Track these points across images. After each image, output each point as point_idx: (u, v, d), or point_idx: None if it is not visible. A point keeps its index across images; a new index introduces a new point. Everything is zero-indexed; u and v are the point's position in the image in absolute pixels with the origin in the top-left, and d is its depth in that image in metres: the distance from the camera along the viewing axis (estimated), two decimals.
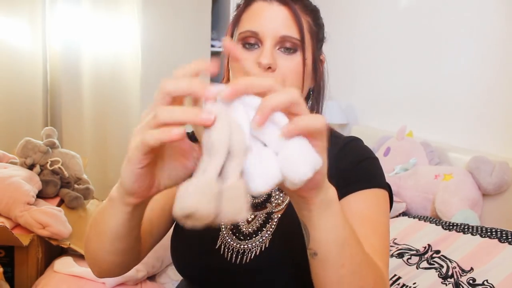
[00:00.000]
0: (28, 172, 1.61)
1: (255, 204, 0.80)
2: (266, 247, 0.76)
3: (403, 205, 1.70)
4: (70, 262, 1.43)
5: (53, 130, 1.81)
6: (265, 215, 0.79)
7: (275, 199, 0.80)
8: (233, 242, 0.78)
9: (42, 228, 1.40)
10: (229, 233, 0.79)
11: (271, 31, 0.74)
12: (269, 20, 0.75)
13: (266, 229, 0.77)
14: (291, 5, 0.75)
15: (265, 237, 0.76)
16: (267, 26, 0.74)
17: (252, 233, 0.78)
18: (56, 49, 2.36)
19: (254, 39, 0.75)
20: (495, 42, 1.71)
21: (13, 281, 1.41)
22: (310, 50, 0.78)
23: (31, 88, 2.30)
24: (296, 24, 0.75)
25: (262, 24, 0.75)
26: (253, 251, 0.76)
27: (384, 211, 0.76)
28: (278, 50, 0.75)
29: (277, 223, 0.77)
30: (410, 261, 1.28)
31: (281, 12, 0.75)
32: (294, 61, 0.75)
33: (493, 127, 1.72)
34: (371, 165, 0.79)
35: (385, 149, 2.00)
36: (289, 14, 0.75)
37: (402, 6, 2.16)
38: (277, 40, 0.74)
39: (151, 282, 1.44)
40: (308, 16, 0.78)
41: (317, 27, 0.80)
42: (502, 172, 1.53)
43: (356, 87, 2.45)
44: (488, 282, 1.09)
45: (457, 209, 1.51)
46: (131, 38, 2.44)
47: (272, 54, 0.74)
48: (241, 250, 0.77)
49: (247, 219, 0.79)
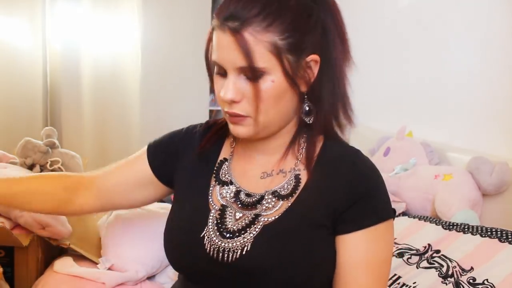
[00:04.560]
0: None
1: (246, 203, 0.80)
2: (247, 250, 0.75)
3: (403, 205, 1.70)
4: (70, 262, 1.42)
5: (53, 130, 1.81)
6: (252, 216, 0.78)
7: (267, 202, 0.79)
8: (216, 238, 0.78)
9: (42, 228, 1.40)
10: (214, 228, 0.79)
11: (230, 63, 0.73)
12: (226, 52, 0.72)
13: (250, 231, 0.77)
14: (240, 32, 0.70)
15: (246, 238, 0.76)
16: (224, 58, 0.73)
17: (236, 231, 0.78)
18: (56, 49, 2.35)
19: (222, 69, 0.75)
20: (496, 42, 1.71)
21: (13, 281, 1.41)
22: (280, 69, 0.72)
23: (31, 88, 2.30)
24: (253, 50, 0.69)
25: (221, 55, 0.74)
26: (234, 251, 0.76)
27: (387, 245, 0.78)
28: (244, 77, 0.73)
29: (262, 227, 0.77)
30: (410, 260, 1.28)
31: (233, 42, 0.71)
32: (258, 88, 0.72)
33: (493, 127, 1.72)
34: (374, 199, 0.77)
35: (385, 149, 2.00)
36: (242, 42, 0.70)
37: (402, 5, 2.16)
38: (238, 71, 0.73)
39: (151, 282, 1.44)
40: (270, 33, 0.70)
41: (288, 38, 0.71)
42: (502, 172, 1.53)
43: (355, 87, 2.44)
44: (488, 282, 1.09)
45: (457, 209, 1.51)
46: (131, 38, 2.44)
47: (235, 85, 0.73)
48: (222, 248, 0.77)
49: (236, 216, 0.80)
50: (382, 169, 1.93)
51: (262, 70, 0.71)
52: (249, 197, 0.81)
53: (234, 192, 0.82)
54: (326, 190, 0.77)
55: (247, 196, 0.81)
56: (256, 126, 0.75)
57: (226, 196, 0.82)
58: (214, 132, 0.90)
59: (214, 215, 0.81)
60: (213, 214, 0.81)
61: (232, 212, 0.80)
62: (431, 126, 1.99)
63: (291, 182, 0.80)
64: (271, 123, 0.77)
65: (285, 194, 0.79)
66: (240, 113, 0.74)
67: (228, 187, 0.83)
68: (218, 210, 0.81)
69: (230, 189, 0.83)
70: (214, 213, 0.81)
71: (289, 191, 0.79)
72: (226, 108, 0.76)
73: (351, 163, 0.79)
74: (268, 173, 0.82)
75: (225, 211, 0.81)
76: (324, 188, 0.77)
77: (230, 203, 0.82)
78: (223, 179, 0.85)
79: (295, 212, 0.77)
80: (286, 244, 0.75)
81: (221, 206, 0.82)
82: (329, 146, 0.82)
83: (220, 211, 0.81)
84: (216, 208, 0.82)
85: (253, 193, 0.81)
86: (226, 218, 0.80)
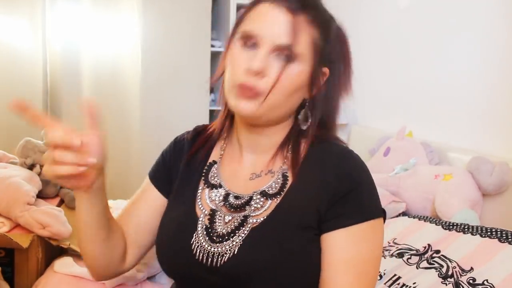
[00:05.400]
0: (28, 172, 1.61)
1: (235, 205, 0.79)
2: (234, 254, 0.75)
3: (403, 205, 1.70)
4: (70, 262, 1.42)
5: None
6: (241, 218, 0.78)
7: (255, 202, 0.78)
8: (205, 243, 0.78)
9: (42, 228, 1.40)
10: (204, 233, 0.79)
11: (269, 37, 0.74)
12: (271, 25, 0.74)
13: (239, 234, 0.76)
14: (297, 14, 0.74)
15: (235, 242, 0.75)
16: (267, 31, 0.74)
17: (225, 235, 0.77)
18: (56, 49, 2.35)
19: (253, 41, 0.75)
20: (495, 43, 1.71)
21: (13, 281, 1.41)
22: (309, 64, 0.76)
23: (31, 88, 2.30)
24: (300, 32, 0.74)
25: (263, 27, 0.74)
26: (223, 255, 0.75)
27: (374, 244, 0.76)
28: (275, 55, 0.74)
29: (250, 229, 0.76)
30: (410, 260, 1.28)
31: (285, 19, 0.73)
32: (287, 70, 0.74)
33: (493, 127, 1.72)
34: (361, 195, 0.76)
35: (385, 149, 2.00)
36: (294, 21, 0.73)
37: (402, 6, 2.16)
38: (274, 47, 0.74)
39: (151, 282, 1.44)
40: (316, 29, 0.76)
41: (324, 41, 0.77)
42: (502, 172, 1.53)
43: (356, 87, 2.44)
44: (488, 282, 1.09)
45: (457, 209, 1.51)
46: (131, 38, 2.44)
47: (266, 59, 0.74)
48: (211, 252, 0.76)
49: (225, 219, 0.79)
50: (382, 169, 1.95)
51: (297, 56, 0.74)
52: (238, 199, 0.80)
53: (223, 195, 0.82)
54: (311, 189, 0.76)
55: (235, 198, 0.80)
56: (262, 106, 0.75)
57: (215, 199, 0.82)
58: (204, 138, 0.90)
59: (203, 220, 0.81)
60: (202, 219, 0.81)
61: (222, 216, 0.80)
62: (431, 126, 1.99)
63: (278, 181, 0.80)
64: (276, 109, 0.77)
65: (273, 193, 0.79)
66: (257, 85, 0.74)
67: (217, 190, 0.83)
68: (208, 215, 0.81)
69: (219, 192, 0.82)
70: (203, 217, 0.81)
71: (277, 190, 0.79)
72: (243, 79, 0.75)
73: (336, 161, 0.78)
74: (257, 174, 0.82)
75: (214, 215, 0.80)
76: (310, 187, 0.77)
77: (219, 206, 0.81)
78: (212, 182, 0.84)
79: (283, 211, 0.77)
80: (273, 247, 0.74)
81: (210, 210, 0.81)
82: (317, 146, 0.81)
83: (209, 215, 0.81)
84: (206, 212, 0.81)
85: (241, 195, 0.81)
86: (215, 222, 0.79)
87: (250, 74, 0.74)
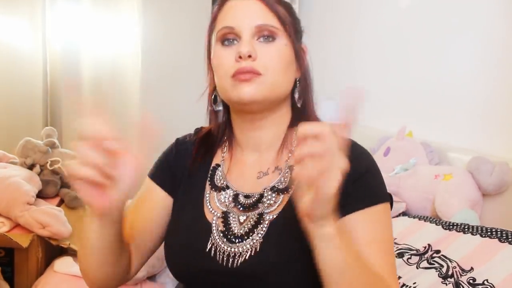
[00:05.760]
0: (28, 172, 1.61)
1: (247, 205, 0.79)
2: (257, 250, 0.74)
3: (403, 205, 1.70)
4: (70, 262, 1.43)
5: (53, 130, 1.81)
6: (257, 216, 0.78)
7: (267, 199, 0.79)
8: (223, 244, 0.77)
9: (42, 228, 1.40)
10: (220, 235, 0.78)
11: (247, 24, 0.77)
12: (244, 14, 0.78)
13: (257, 232, 0.76)
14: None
15: (255, 240, 0.75)
16: (242, 20, 0.77)
17: (243, 235, 0.77)
18: (56, 49, 2.35)
19: (232, 35, 0.78)
20: (496, 42, 1.71)
21: (13, 281, 1.41)
22: (288, 39, 0.80)
23: (31, 88, 2.30)
24: (272, 11, 0.78)
25: (237, 18, 0.78)
26: (244, 254, 0.75)
27: (387, 226, 0.77)
28: (257, 40, 0.77)
29: (268, 225, 0.76)
30: (410, 260, 1.28)
31: (254, 4, 0.78)
32: (273, 48, 0.77)
33: (493, 127, 1.72)
34: (372, 178, 0.78)
35: (385, 149, 2.00)
36: (262, 5, 0.78)
37: (402, 5, 2.16)
38: (254, 31, 0.77)
39: (151, 282, 1.44)
40: (282, 8, 0.80)
41: (293, 18, 0.82)
42: (502, 172, 1.53)
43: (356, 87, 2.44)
44: (488, 282, 1.09)
45: (457, 209, 1.51)
46: (131, 38, 2.43)
47: (251, 44, 0.76)
48: (232, 253, 0.76)
49: (239, 220, 0.79)
50: (382, 169, 1.94)
51: (276, 32, 0.78)
52: (248, 198, 0.80)
53: (232, 196, 0.81)
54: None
55: (245, 197, 0.80)
56: (265, 86, 0.76)
57: (225, 201, 0.81)
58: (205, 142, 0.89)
59: (216, 223, 0.80)
60: (216, 222, 0.80)
61: (235, 217, 0.79)
62: (431, 126, 1.99)
63: (286, 175, 0.80)
64: (275, 89, 0.78)
65: (284, 188, 0.79)
66: (253, 66, 0.76)
67: (225, 192, 0.82)
68: (221, 217, 0.80)
69: (228, 193, 0.82)
70: (216, 220, 0.80)
71: (287, 184, 0.79)
72: (237, 66, 0.76)
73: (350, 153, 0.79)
74: (264, 172, 0.82)
75: (228, 217, 0.80)
76: None
77: (230, 207, 0.81)
78: (219, 185, 0.84)
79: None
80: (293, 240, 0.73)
81: (222, 213, 0.80)
82: None
83: (222, 218, 0.80)
84: (218, 215, 0.81)
85: (251, 194, 0.81)
86: (230, 223, 0.79)
87: (242, 59, 0.76)
